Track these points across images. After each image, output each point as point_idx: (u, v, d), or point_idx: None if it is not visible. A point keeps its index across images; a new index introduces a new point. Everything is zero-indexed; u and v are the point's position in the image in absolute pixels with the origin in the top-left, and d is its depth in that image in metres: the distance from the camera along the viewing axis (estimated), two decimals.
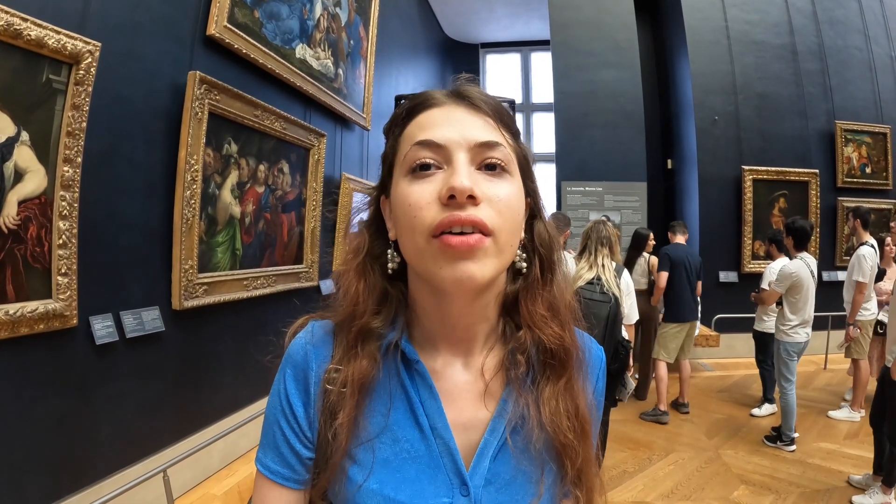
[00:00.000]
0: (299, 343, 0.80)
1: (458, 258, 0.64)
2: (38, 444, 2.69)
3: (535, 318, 0.76)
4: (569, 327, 0.79)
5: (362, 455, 0.72)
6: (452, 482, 0.71)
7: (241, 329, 4.26)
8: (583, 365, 0.81)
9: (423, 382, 0.74)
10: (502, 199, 0.68)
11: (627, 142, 8.05)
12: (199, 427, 3.78)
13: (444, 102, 0.72)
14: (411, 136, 0.71)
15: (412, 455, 0.72)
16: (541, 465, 0.75)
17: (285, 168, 4.77)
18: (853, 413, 5.12)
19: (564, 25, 8.28)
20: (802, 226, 4.60)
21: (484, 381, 0.76)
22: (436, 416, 0.73)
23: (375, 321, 0.76)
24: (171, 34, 3.43)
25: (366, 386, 0.73)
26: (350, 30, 5.86)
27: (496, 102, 0.74)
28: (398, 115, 0.76)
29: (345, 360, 0.74)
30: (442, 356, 0.77)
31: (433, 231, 0.65)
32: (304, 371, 0.77)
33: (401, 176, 0.70)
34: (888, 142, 8.12)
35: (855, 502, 3.62)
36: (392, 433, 0.73)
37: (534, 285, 0.77)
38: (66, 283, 2.73)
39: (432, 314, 0.76)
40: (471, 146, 0.68)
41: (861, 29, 8.24)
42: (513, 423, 0.75)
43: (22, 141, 2.52)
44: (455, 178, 0.64)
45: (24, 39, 2.42)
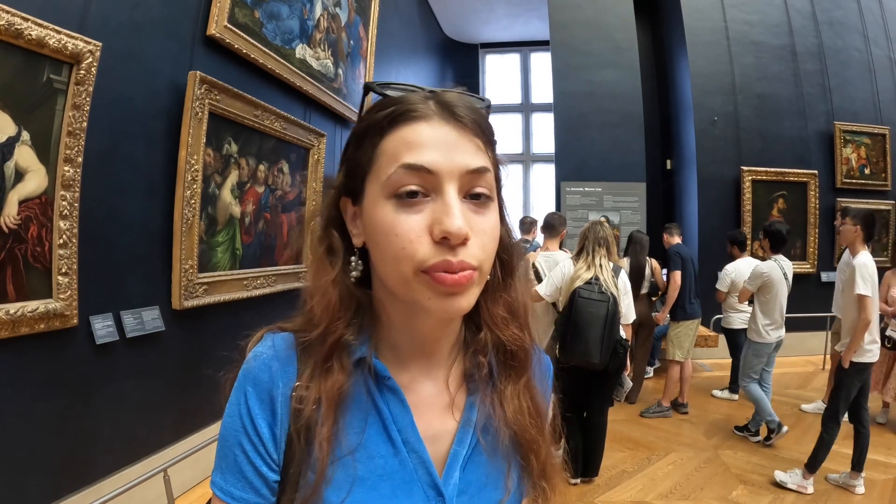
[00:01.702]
0: (262, 359, 0.75)
1: (449, 295, 0.64)
2: (39, 443, 2.69)
3: (496, 319, 0.77)
4: (528, 329, 0.80)
5: (338, 474, 0.68)
6: (428, 495, 0.71)
7: (241, 329, 4.20)
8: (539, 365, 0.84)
9: (395, 397, 0.73)
10: (487, 233, 0.67)
11: (627, 142, 8.06)
12: (199, 426, 3.79)
13: (431, 117, 0.67)
14: (395, 154, 0.66)
15: (386, 471, 0.70)
16: (507, 462, 0.77)
17: (285, 168, 4.77)
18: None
19: (564, 26, 8.29)
20: (779, 229, 4.70)
21: (449, 393, 0.77)
22: (408, 430, 0.72)
23: (349, 334, 0.73)
24: (172, 34, 3.43)
25: (342, 402, 0.71)
26: (350, 30, 5.86)
27: (481, 117, 0.70)
28: (377, 121, 0.70)
29: (316, 375, 0.71)
30: (408, 370, 0.76)
31: (423, 269, 0.63)
32: (268, 389, 0.71)
33: (381, 196, 0.66)
34: (887, 143, 8.13)
35: (776, 477, 3.89)
36: (366, 450, 0.71)
37: (495, 288, 0.77)
38: (66, 282, 2.73)
39: (402, 328, 0.75)
40: (461, 174, 0.65)
41: (860, 30, 8.26)
42: (480, 426, 0.76)
43: (23, 140, 2.52)
44: (450, 219, 0.62)
45: (24, 39, 2.42)
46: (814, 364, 7.25)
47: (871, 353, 3.76)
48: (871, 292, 3.73)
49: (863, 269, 3.78)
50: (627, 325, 3.96)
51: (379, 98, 0.73)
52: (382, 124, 0.69)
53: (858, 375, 3.78)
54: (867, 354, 3.75)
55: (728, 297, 5.61)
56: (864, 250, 3.89)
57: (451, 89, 0.72)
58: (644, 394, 5.90)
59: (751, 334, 4.81)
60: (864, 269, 3.77)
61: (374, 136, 0.70)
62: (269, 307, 4.63)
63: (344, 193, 0.76)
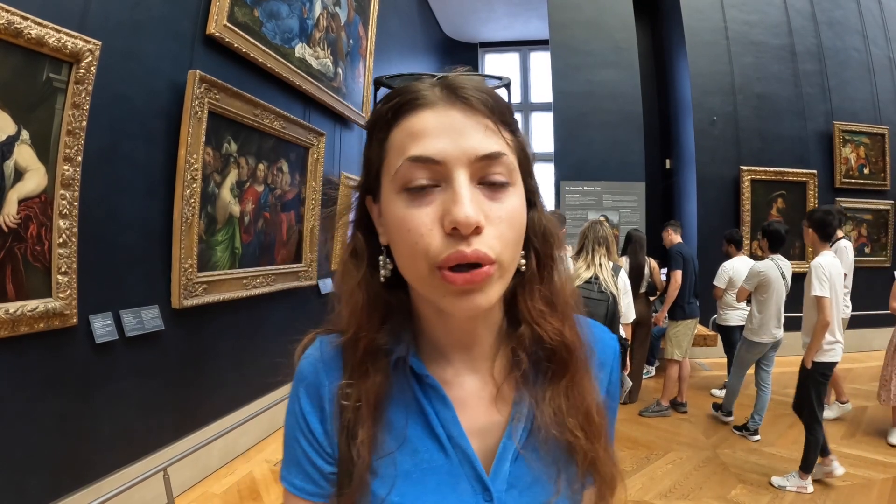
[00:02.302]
0: (309, 360, 0.79)
1: (463, 293, 0.62)
2: (39, 442, 2.69)
3: (532, 313, 0.73)
4: (569, 322, 0.75)
5: (384, 469, 0.71)
6: (475, 489, 0.70)
7: (241, 328, 4.27)
8: (590, 359, 0.78)
9: (436, 394, 0.73)
10: (505, 220, 0.63)
11: (626, 142, 8.06)
12: (198, 426, 3.79)
13: (436, 103, 0.64)
14: (401, 146, 0.64)
15: (432, 466, 0.71)
16: (555, 462, 0.73)
17: (284, 167, 4.77)
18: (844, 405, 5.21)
19: (564, 25, 8.28)
20: (777, 229, 4.70)
21: (495, 385, 0.75)
22: (451, 425, 0.72)
23: (381, 337, 0.73)
24: (171, 33, 3.43)
25: (381, 402, 0.72)
26: (349, 29, 5.86)
27: (493, 96, 0.66)
28: (382, 114, 0.68)
29: (356, 376, 0.73)
30: (451, 365, 0.76)
31: (437, 264, 0.61)
32: (316, 389, 0.76)
33: (392, 192, 0.65)
34: (886, 143, 8.14)
35: (774, 483, 3.86)
36: (411, 445, 0.72)
37: (531, 281, 0.74)
38: (65, 281, 2.73)
39: (436, 324, 0.74)
40: (471, 160, 0.62)
41: (859, 30, 8.26)
42: (529, 421, 0.73)
43: (22, 140, 2.52)
44: (459, 208, 0.59)
45: (24, 38, 2.42)
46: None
47: (832, 352, 3.79)
48: (829, 293, 3.73)
49: (818, 269, 3.78)
50: (627, 325, 3.96)
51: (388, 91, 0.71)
52: (388, 117, 0.67)
53: (823, 375, 3.83)
54: (828, 354, 3.78)
55: (725, 295, 5.62)
56: (824, 251, 3.91)
57: (460, 71, 0.70)
58: (643, 393, 5.89)
59: (747, 332, 4.85)
60: (819, 270, 3.77)
61: (381, 130, 0.68)
62: (269, 306, 4.64)
63: (366, 192, 0.76)
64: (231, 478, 3.88)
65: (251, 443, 4.39)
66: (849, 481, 3.88)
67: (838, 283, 3.85)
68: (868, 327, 7.27)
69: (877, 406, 5.33)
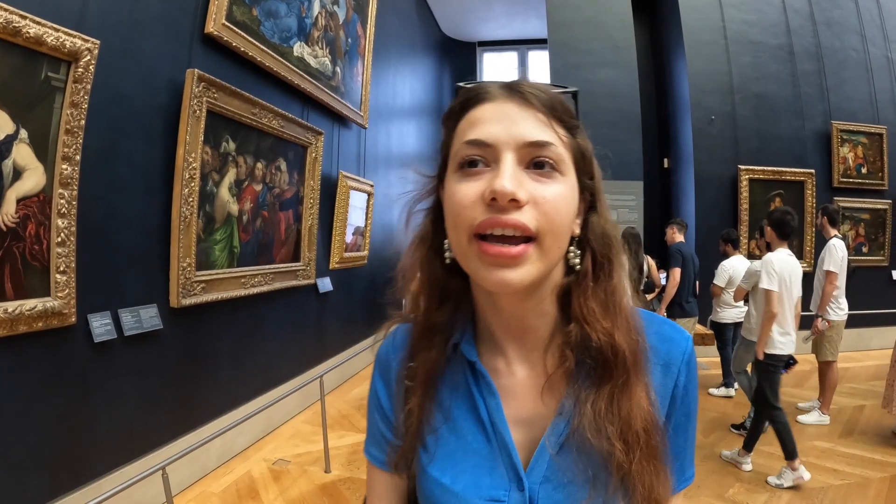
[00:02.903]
0: (385, 345, 0.89)
1: (497, 266, 0.65)
2: (37, 441, 2.69)
3: (583, 311, 0.74)
4: (622, 326, 0.74)
5: (430, 442, 0.78)
6: (510, 478, 0.72)
7: (239, 327, 4.27)
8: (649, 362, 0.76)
9: (484, 381, 0.77)
10: (549, 201, 0.66)
11: (624, 141, 8.05)
12: (196, 425, 3.79)
13: (496, 97, 0.70)
14: (462, 133, 0.71)
15: (473, 448, 0.76)
16: (590, 467, 0.71)
17: (283, 166, 4.77)
18: (823, 416, 5.12)
19: (562, 24, 8.28)
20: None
21: (546, 376, 0.75)
22: (495, 413, 0.75)
23: (438, 315, 0.80)
24: (170, 32, 3.43)
25: (434, 378, 0.80)
26: (348, 28, 5.86)
27: (550, 96, 0.71)
28: (453, 107, 0.76)
29: (416, 354, 0.81)
30: (504, 354, 0.79)
31: (475, 231, 0.66)
32: (387, 369, 0.86)
33: (452, 171, 0.71)
34: (884, 142, 8.15)
35: (770, 483, 3.89)
36: (455, 425, 0.78)
37: (585, 279, 0.75)
38: (64, 280, 2.73)
39: (487, 309, 0.78)
40: (519, 145, 0.66)
41: (858, 30, 8.26)
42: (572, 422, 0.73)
43: (21, 139, 2.52)
44: (498, 180, 0.64)
45: (23, 37, 2.42)
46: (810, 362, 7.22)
47: (784, 344, 3.96)
48: (777, 287, 3.96)
49: (768, 265, 4.02)
50: None
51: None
52: (456, 110, 0.75)
53: (775, 367, 3.99)
54: (780, 346, 3.95)
55: (723, 293, 5.64)
56: (779, 248, 4.15)
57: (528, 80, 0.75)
58: None
59: (744, 331, 4.85)
60: (769, 266, 4.01)
61: (451, 121, 0.76)
62: (267, 305, 4.64)
63: (439, 181, 0.80)
64: (229, 477, 3.88)
65: (249, 442, 4.39)
66: (846, 480, 3.89)
67: (793, 281, 4.07)
68: (866, 326, 7.28)
69: (874, 405, 5.35)
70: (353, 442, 4.53)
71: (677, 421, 0.78)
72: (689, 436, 0.81)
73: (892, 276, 8.30)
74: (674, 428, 0.77)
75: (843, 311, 5.19)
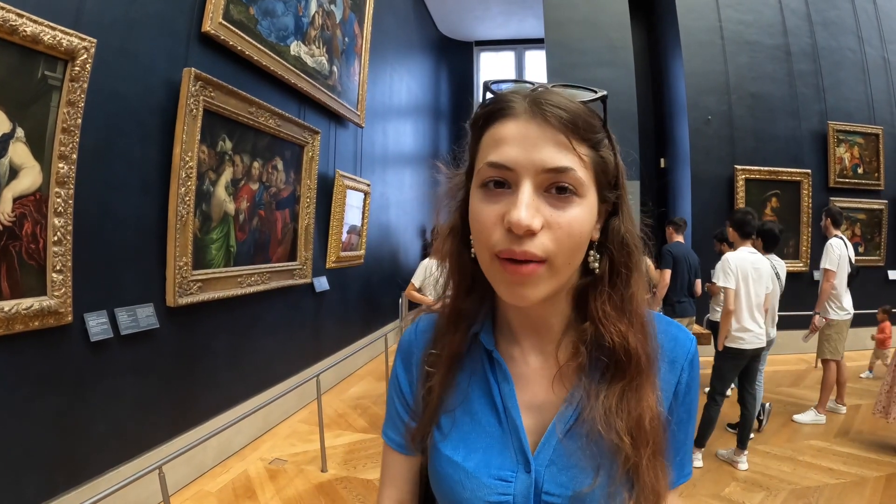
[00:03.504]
0: (408, 332, 0.94)
1: (513, 283, 0.70)
2: (34, 441, 2.69)
3: (599, 313, 0.77)
4: (636, 329, 0.78)
5: (445, 421, 0.83)
6: (518, 459, 0.77)
7: (236, 326, 4.27)
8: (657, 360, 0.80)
9: (500, 368, 0.82)
10: (563, 227, 0.68)
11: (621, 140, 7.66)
12: (193, 424, 3.79)
13: (520, 115, 0.70)
14: (486, 150, 0.72)
15: (486, 430, 0.80)
16: (596, 458, 0.76)
17: (279, 165, 4.77)
18: (819, 416, 5.14)
19: (559, 24, 8.28)
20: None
21: (558, 366, 0.80)
22: (509, 399, 0.80)
23: (466, 303, 0.85)
24: (167, 31, 3.43)
25: (455, 361, 0.84)
26: (345, 27, 5.86)
27: (572, 113, 0.71)
28: (479, 117, 0.76)
29: (440, 339, 0.86)
30: (520, 344, 0.84)
31: (494, 252, 0.69)
32: (409, 355, 0.91)
33: (476, 186, 0.73)
34: (880, 143, 8.17)
35: (719, 454, 4.35)
36: (470, 407, 0.82)
37: (601, 282, 0.78)
38: (60, 279, 2.73)
39: (507, 305, 0.82)
40: (538, 171, 0.68)
41: (854, 30, 8.29)
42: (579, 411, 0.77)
43: (17, 137, 2.51)
44: (515, 211, 0.66)
45: (19, 35, 2.42)
46: (806, 362, 7.29)
47: (741, 339, 4.14)
48: (733, 284, 4.14)
49: (725, 263, 4.21)
50: None
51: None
52: (480, 122, 0.76)
53: (732, 360, 4.22)
54: (737, 341, 4.15)
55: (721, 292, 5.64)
56: (742, 247, 4.28)
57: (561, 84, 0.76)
58: None
59: None
60: (725, 264, 4.20)
61: (476, 130, 0.78)
62: (264, 304, 4.64)
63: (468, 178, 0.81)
64: (226, 476, 3.88)
65: (246, 441, 4.39)
66: (842, 479, 3.90)
67: (758, 278, 4.18)
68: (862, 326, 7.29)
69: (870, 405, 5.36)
70: (350, 441, 4.52)
71: (679, 417, 0.83)
72: (689, 433, 0.86)
73: (889, 275, 8.32)
74: (676, 423, 0.83)
75: (844, 311, 5.19)
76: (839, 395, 5.33)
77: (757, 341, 4.14)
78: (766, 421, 4.91)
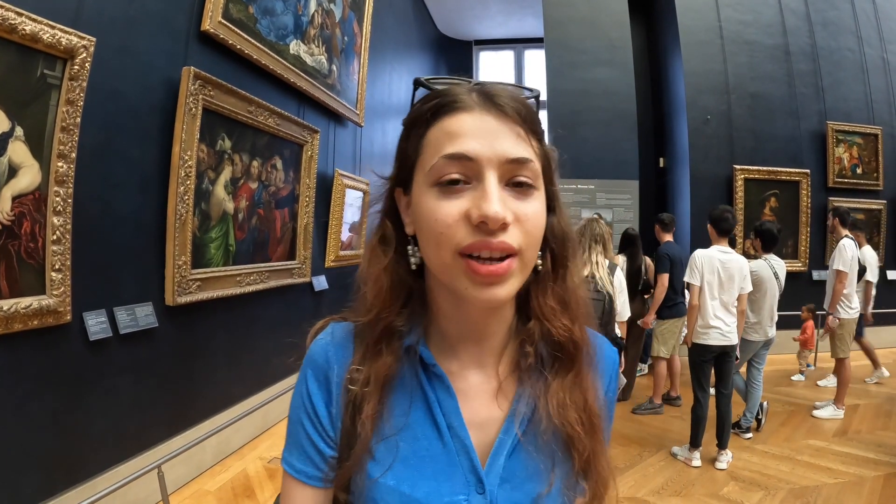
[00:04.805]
0: (320, 344, 0.80)
1: (486, 284, 0.66)
2: (32, 440, 2.68)
3: (544, 310, 0.76)
4: (579, 322, 0.79)
5: (382, 451, 0.73)
6: (469, 480, 0.72)
7: (235, 325, 4.26)
8: (593, 362, 0.81)
9: (441, 384, 0.76)
10: (530, 219, 0.67)
11: (620, 140, 8.07)
12: (192, 423, 3.79)
13: (473, 107, 0.68)
14: (438, 144, 0.68)
15: (430, 453, 0.73)
16: (551, 456, 0.75)
17: (279, 164, 4.76)
18: (837, 411, 5.19)
19: (558, 23, 8.28)
20: (769, 229, 4.83)
21: (498, 380, 0.78)
22: (453, 415, 0.74)
23: (399, 320, 0.77)
24: (166, 29, 3.42)
25: (389, 383, 0.75)
26: (344, 26, 5.85)
27: (525, 107, 0.71)
28: (422, 112, 0.72)
29: (367, 358, 0.76)
30: (458, 358, 0.78)
31: (461, 250, 0.65)
32: (325, 372, 0.78)
33: (426, 184, 0.69)
34: (879, 143, 8.18)
35: (673, 451, 4.41)
36: (412, 431, 0.74)
37: (545, 279, 0.77)
38: (59, 278, 2.72)
39: (451, 316, 0.77)
40: (502, 162, 0.66)
41: (854, 30, 8.30)
42: (527, 417, 0.76)
43: (16, 136, 2.50)
44: (488, 204, 0.63)
45: (18, 34, 2.41)
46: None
47: (706, 335, 4.19)
48: (698, 281, 4.21)
49: (692, 260, 4.28)
50: (622, 323, 3.97)
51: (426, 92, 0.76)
52: (427, 116, 0.71)
53: (699, 356, 4.26)
54: (702, 337, 4.20)
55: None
56: (716, 245, 4.32)
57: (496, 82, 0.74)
58: (636, 391, 5.92)
59: None
60: (692, 261, 4.27)
61: (419, 127, 0.73)
62: (263, 303, 4.63)
63: (397, 184, 0.79)
64: (225, 475, 3.88)
65: (245, 440, 4.39)
66: (840, 479, 3.91)
67: (729, 276, 4.21)
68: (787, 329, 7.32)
69: (868, 404, 5.39)
70: None
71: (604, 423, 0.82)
72: (608, 438, 0.85)
73: (888, 276, 8.33)
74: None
75: (853, 309, 5.26)
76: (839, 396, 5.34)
77: (723, 339, 4.17)
78: (765, 420, 4.92)
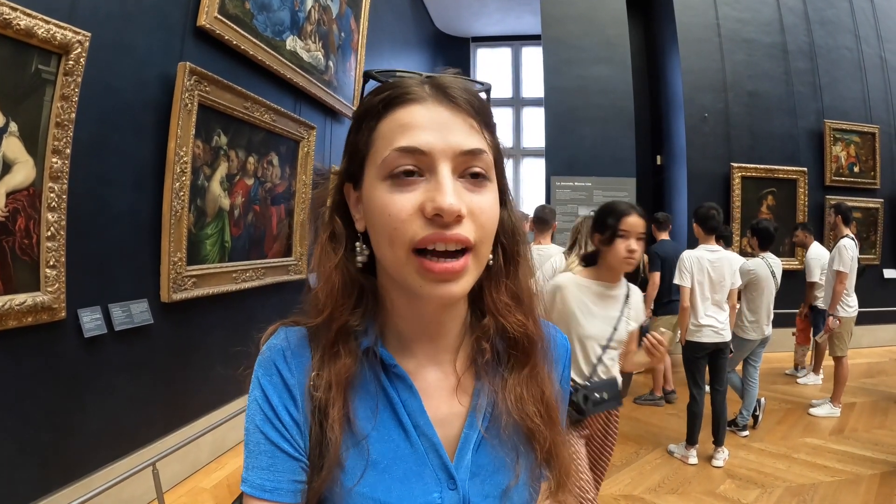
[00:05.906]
0: (276, 350, 0.76)
1: (441, 281, 0.65)
2: (27, 437, 2.67)
3: (498, 306, 0.76)
4: (532, 316, 0.79)
5: (352, 457, 0.70)
6: (440, 478, 0.72)
7: (230, 322, 4.25)
8: (547, 353, 0.82)
9: (403, 383, 0.74)
10: (485, 212, 0.67)
11: (617, 137, 8.06)
12: (187, 420, 3.77)
13: (426, 99, 0.68)
14: (390, 137, 0.67)
15: (398, 455, 0.72)
16: (514, 449, 0.76)
17: (275, 160, 4.75)
18: (834, 409, 5.20)
19: (556, 20, 8.27)
20: (766, 227, 4.80)
21: (456, 376, 0.77)
22: (418, 414, 0.73)
23: (353, 319, 0.75)
24: (162, 25, 3.40)
25: (351, 385, 0.72)
26: (341, 22, 5.83)
27: (478, 99, 0.71)
28: (373, 105, 0.71)
29: (325, 361, 0.73)
30: (414, 356, 0.77)
31: (415, 245, 0.64)
32: (283, 378, 0.73)
33: (377, 178, 0.67)
34: (876, 141, 8.19)
35: (670, 448, 4.44)
36: (378, 434, 0.72)
37: (497, 274, 0.77)
38: (54, 275, 2.71)
39: (405, 313, 0.76)
40: (455, 154, 0.65)
41: (851, 29, 8.30)
42: (486, 412, 0.76)
43: (10, 132, 2.49)
44: (442, 196, 0.62)
45: (13, 29, 2.39)
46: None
47: (699, 333, 4.22)
48: (688, 283, 4.24)
49: (681, 262, 4.32)
50: None
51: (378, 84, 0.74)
52: (378, 108, 0.70)
53: (693, 353, 4.29)
54: (695, 335, 4.23)
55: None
56: (704, 244, 4.37)
57: (447, 73, 0.73)
58: (634, 388, 5.92)
59: (735, 329, 4.83)
60: (681, 263, 4.31)
61: (370, 119, 0.71)
62: (258, 300, 4.62)
63: (346, 179, 0.77)
64: (221, 472, 3.87)
65: (240, 437, 4.36)
66: (837, 477, 3.92)
67: (721, 275, 4.25)
68: (857, 325, 7.31)
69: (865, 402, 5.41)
70: None
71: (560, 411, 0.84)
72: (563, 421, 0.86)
73: (884, 274, 8.34)
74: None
75: (851, 307, 5.28)
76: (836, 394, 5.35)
77: (716, 336, 4.19)
78: (762, 416, 4.93)
